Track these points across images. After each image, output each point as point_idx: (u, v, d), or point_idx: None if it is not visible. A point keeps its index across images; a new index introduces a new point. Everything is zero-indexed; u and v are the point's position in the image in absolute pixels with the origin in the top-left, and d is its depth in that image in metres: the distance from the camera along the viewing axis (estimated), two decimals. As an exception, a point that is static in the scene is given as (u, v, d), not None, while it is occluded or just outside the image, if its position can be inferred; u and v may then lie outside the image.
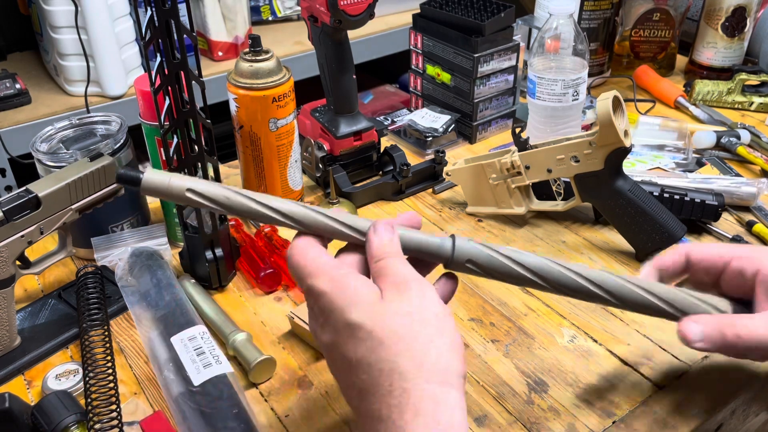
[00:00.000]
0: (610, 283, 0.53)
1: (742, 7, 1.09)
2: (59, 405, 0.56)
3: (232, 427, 0.54)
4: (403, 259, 0.48)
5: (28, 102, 1.31)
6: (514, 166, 0.78)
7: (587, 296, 0.53)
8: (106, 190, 0.70)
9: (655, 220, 0.73)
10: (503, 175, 0.80)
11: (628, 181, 0.74)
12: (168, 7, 0.60)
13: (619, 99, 0.71)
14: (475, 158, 0.83)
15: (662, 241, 0.74)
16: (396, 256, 0.47)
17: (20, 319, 0.70)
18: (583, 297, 0.53)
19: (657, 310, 0.54)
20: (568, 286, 0.52)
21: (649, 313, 0.54)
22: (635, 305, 0.54)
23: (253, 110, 0.78)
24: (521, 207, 0.81)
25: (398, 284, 0.45)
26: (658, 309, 0.54)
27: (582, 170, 0.75)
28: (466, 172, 0.83)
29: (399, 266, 0.46)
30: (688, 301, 0.54)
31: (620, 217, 0.75)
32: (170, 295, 0.67)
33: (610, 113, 0.69)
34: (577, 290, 0.52)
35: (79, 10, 1.20)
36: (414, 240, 0.50)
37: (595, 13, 1.10)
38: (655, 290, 0.54)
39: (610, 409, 0.59)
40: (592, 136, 0.72)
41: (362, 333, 0.43)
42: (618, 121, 0.70)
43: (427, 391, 0.41)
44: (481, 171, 0.81)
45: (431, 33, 1.01)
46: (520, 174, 0.79)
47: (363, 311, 0.43)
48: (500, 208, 0.83)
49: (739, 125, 1.00)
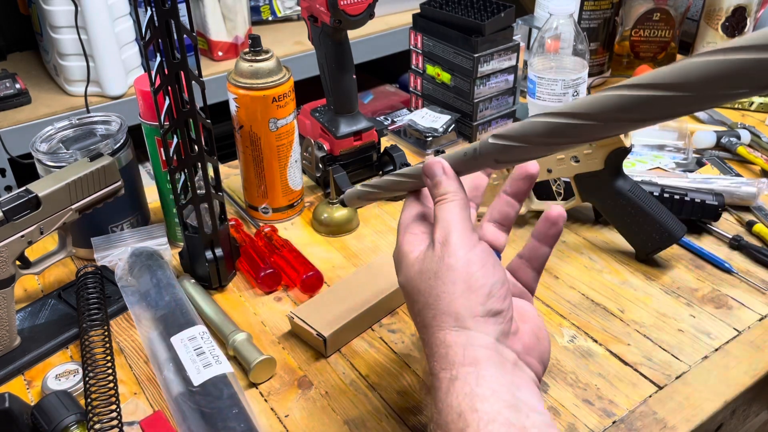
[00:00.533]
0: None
1: (742, 7, 1.09)
2: (59, 405, 0.56)
3: (232, 427, 0.54)
4: (454, 201, 0.49)
5: (28, 102, 1.31)
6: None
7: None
8: (106, 190, 0.71)
9: (656, 220, 0.73)
10: (503, 175, 0.80)
11: (628, 181, 0.74)
12: (168, 7, 0.60)
13: None
14: None
15: (662, 241, 0.74)
16: (446, 201, 0.49)
17: (20, 319, 0.70)
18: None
19: None
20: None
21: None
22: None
23: (253, 110, 0.78)
24: (521, 207, 0.81)
25: (441, 235, 0.48)
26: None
27: (582, 170, 0.75)
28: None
29: (445, 213, 0.48)
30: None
31: (620, 217, 0.75)
32: (170, 295, 0.67)
33: None
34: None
35: (79, 10, 1.20)
36: (452, 160, 0.51)
37: (595, 13, 1.10)
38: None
39: (610, 409, 0.59)
40: None
41: (404, 291, 0.50)
42: None
43: (439, 338, 0.45)
44: (480, 171, 0.81)
45: (431, 33, 1.01)
46: None
47: (402, 274, 0.50)
48: None
49: (739, 125, 1.00)
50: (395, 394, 0.62)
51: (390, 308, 0.71)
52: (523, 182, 0.53)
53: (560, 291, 0.73)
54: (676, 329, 0.68)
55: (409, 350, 0.66)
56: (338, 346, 0.67)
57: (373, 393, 0.62)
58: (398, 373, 0.64)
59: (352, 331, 0.68)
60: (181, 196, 0.71)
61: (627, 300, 0.71)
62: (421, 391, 0.61)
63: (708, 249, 0.77)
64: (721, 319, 0.68)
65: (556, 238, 0.53)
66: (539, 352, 0.50)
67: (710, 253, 0.76)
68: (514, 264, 0.55)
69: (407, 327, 0.69)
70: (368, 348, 0.67)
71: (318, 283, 0.73)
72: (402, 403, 0.61)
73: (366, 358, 0.66)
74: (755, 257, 0.76)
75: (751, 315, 0.69)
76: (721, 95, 0.34)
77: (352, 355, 0.66)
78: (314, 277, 0.73)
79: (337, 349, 0.67)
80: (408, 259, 0.49)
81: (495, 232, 0.53)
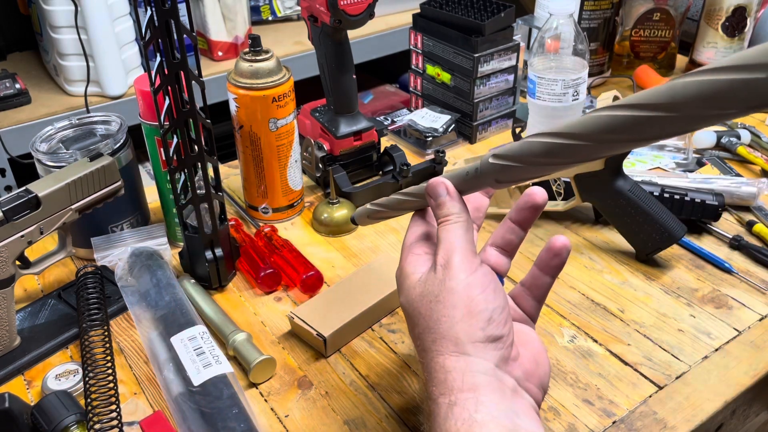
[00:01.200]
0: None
1: (742, 7, 1.09)
2: (59, 405, 0.56)
3: (232, 427, 0.54)
4: (458, 223, 0.48)
5: (28, 102, 1.31)
6: None
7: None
8: (106, 190, 0.70)
9: (656, 220, 0.73)
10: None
11: (628, 181, 0.74)
12: (168, 7, 0.60)
13: (618, 99, 0.72)
14: (474, 158, 0.83)
15: (662, 240, 0.74)
16: (449, 222, 0.49)
17: (20, 319, 0.70)
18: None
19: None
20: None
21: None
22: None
23: (253, 110, 0.78)
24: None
25: (444, 258, 0.47)
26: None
27: (582, 170, 0.75)
28: None
29: (448, 235, 0.48)
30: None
31: (620, 217, 0.75)
32: (170, 295, 0.67)
33: None
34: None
35: (79, 10, 1.20)
36: (455, 180, 0.51)
37: (595, 13, 1.10)
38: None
39: (610, 409, 0.59)
40: None
41: (405, 313, 0.50)
42: None
43: (438, 363, 0.45)
44: None
45: (431, 33, 1.01)
46: None
47: (404, 295, 0.49)
48: (500, 207, 0.83)
49: (739, 125, 1.00)
50: (395, 394, 0.62)
51: (390, 308, 0.71)
52: (528, 212, 0.52)
53: (560, 291, 0.73)
54: (676, 329, 0.68)
55: (409, 350, 0.66)
56: (338, 346, 0.67)
57: (373, 393, 0.62)
58: (398, 373, 0.64)
59: (352, 331, 0.68)
60: (181, 196, 0.71)
61: (627, 300, 0.71)
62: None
63: (708, 249, 0.77)
64: (721, 319, 0.68)
65: (558, 269, 0.51)
66: (539, 377, 0.49)
67: (710, 253, 0.76)
68: (516, 291, 0.54)
69: (407, 327, 0.69)
70: (368, 348, 0.67)
71: (318, 283, 0.73)
72: (402, 403, 0.61)
73: (366, 358, 0.66)
74: (755, 257, 0.76)
75: (751, 315, 0.69)
76: (711, 116, 0.34)
77: (352, 355, 0.66)
78: (314, 277, 0.73)
79: (337, 349, 0.67)
80: (410, 280, 0.49)
81: (498, 257, 0.53)
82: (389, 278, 0.71)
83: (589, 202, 0.78)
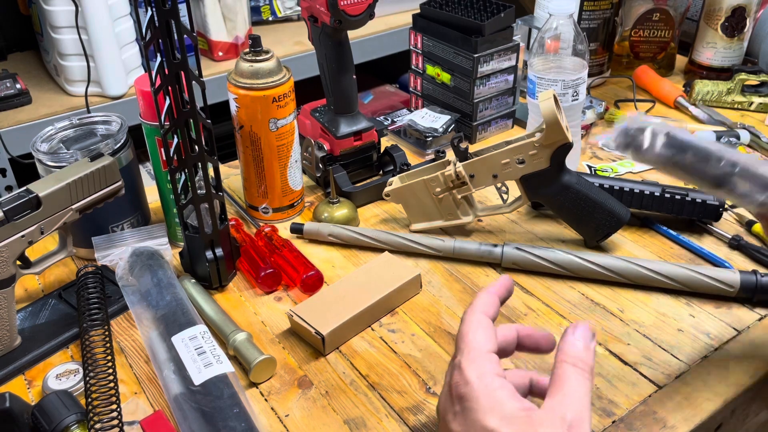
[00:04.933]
0: (618, 266, 0.71)
1: (742, 7, 1.09)
2: (60, 405, 0.56)
3: (232, 426, 0.54)
4: (582, 371, 0.45)
5: (28, 102, 1.31)
6: (459, 176, 0.78)
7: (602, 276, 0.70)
8: (106, 190, 0.71)
9: (604, 206, 0.75)
10: (448, 187, 0.80)
11: (573, 175, 0.75)
12: (168, 7, 0.61)
13: (557, 97, 0.73)
14: (410, 174, 0.82)
15: (611, 225, 0.76)
16: (580, 371, 0.45)
17: (20, 319, 0.70)
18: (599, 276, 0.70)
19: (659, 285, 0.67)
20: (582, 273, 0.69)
21: (654, 284, 0.70)
22: (644, 281, 0.70)
23: (253, 110, 0.78)
24: (468, 216, 0.81)
25: (574, 416, 0.42)
26: (660, 283, 0.69)
27: (528, 171, 0.75)
28: (407, 189, 0.81)
29: (580, 388, 0.44)
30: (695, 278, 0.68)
31: (569, 209, 0.76)
32: (171, 294, 0.67)
33: (555, 112, 0.70)
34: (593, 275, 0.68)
35: (79, 10, 1.20)
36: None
37: (595, 13, 1.10)
38: (659, 269, 0.70)
39: (610, 409, 0.59)
40: (537, 137, 0.73)
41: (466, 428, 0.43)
42: (561, 119, 0.72)
43: None
44: (423, 186, 0.80)
45: (431, 33, 1.01)
46: (465, 184, 0.78)
47: (503, 422, 0.42)
48: (447, 220, 0.81)
49: (739, 125, 1.01)
50: (395, 394, 0.62)
51: (389, 308, 0.71)
52: (528, 349, 0.53)
53: (560, 291, 0.73)
54: (676, 329, 0.68)
55: (409, 350, 0.66)
56: (337, 344, 0.67)
57: (373, 393, 0.62)
58: (398, 373, 0.64)
59: (350, 330, 0.68)
60: (181, 196, 0.71)
61: (627, 300, 0.72)
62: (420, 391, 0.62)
63: (708, 249, 0.77)
64: (720, 319, 0.69)
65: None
66: None
67: (710, 253, 0.77)
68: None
69: (407, 327, 0.69)
70: (368, 347, 0.67)
71: (318, 283, 0.73)
72: (402, 403, 0.61)
73: (366, 358, 0.66)
74: (755, 257, 0.76)
75: (751, 315, 0.69)
76: None
77: (352, 355, 0.66)
78: (314, 277, 0.73)
79: (336, 348, 0.67)
80: (498, 411, 0.42)
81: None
82: (389, 278, 0.71)
83: (537, 200, 0.78)
